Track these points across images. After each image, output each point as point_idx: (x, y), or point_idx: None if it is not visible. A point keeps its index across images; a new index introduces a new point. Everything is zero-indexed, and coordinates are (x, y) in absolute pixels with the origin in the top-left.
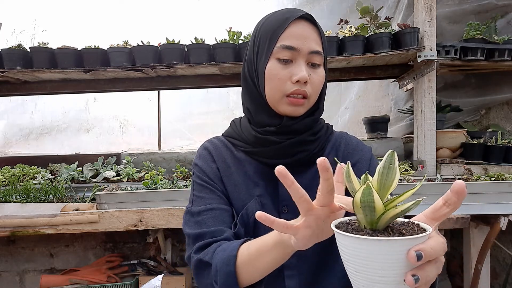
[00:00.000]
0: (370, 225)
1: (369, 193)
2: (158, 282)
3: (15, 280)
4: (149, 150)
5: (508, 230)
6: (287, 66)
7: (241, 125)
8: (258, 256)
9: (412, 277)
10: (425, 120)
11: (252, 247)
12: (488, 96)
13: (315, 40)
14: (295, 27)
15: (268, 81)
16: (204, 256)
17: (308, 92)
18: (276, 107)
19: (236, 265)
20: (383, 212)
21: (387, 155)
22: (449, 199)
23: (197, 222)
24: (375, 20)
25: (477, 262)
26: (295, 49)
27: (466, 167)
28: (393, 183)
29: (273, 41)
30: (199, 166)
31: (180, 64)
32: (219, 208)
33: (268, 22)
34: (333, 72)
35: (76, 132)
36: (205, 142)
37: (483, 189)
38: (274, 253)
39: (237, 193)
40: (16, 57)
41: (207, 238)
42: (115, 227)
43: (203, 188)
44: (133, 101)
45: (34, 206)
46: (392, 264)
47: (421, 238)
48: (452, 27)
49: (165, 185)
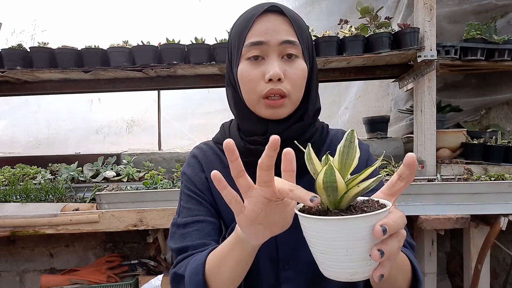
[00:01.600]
0: (333, 206)
1: (331, 173)
2: (158, 282)
3: (15, 280)
4: (149, 150)
5: (508, 230)
6: (258, 65)
7: (230, 132)
8: (222, 260)
9: (377, 251)
10: (425, 120)
11: (216, 252)
12: (488, 96)
13: (286, 30)
14: (261, 23)
15: (242, 84)
16: (179, 269)
17: (285, 90)
18: (257, 112)
19: (204, 274)
20: (345, 191)
21: (347, 134)
22: (402, 173)
23: (181, 235)
24: (375, 20)
25: (477, 262)
26: (262, 43)
27: (466, 167)
28: (353, 162)
29: (241, 41)
30: (188, 175)
31: (180, 64)
32: (205, 221)
33: (237, 23)
34: (333, 72)
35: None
36: (193, 149)
37: (483, 189)
38: (235, 254)
39: (226, 204)
40: (16, 57)
41: (189, 251)
42: (115, 227)
43: (190, 198)
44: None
45: (34, 206)
46: (357, 242)
47: (383, 213)
48: (452, 27)
49: (165, 185)
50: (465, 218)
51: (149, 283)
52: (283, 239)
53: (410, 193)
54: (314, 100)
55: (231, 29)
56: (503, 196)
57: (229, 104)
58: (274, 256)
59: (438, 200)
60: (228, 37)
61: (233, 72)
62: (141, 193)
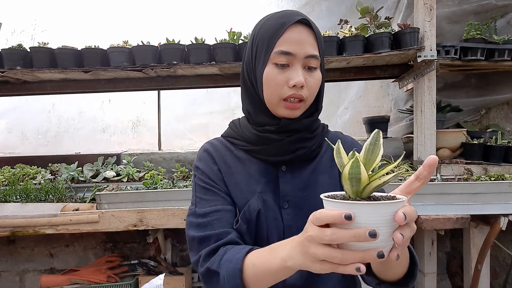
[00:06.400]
0: (355, 195)
1: (357, 165)
2: (160, 281)
3: (15, 280)
4: (149, 150)
5: (508, 230)
6: (284, 71)
7: (241, 125)
8: (264, 275)
9: (400, 234)
10: (425, 120)
11: (257, 266)
12: (488, 96)
13: (311, 44)
14: (292, 32)
15: (266, 86)
16: (212, 264)
17: (304, 96)
18: (274, 110)
19: (242, 279)
20: (368, 183)
21: (374, 134)
22: (420, 174)
23: (202, 224)
24: (375, 20)
25: (477, 262)
26: (291, 54)
27: (466, 167)
28: (377, 158)
29: (270, 46)
30: (201, 169)
31: (180, 64)
32: (224, 210)
33: (265, 26)
34: (333, 72)
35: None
36: (204, 144)
37: (483, 189)
38: (280, 275)
39: (239, 191)
40: (16, 57)
41: (213, 242)
42: (115, 227)
43: (207, 190)
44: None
45: (34, 206)
46: (379, 226)
47: (403, 202)
48: (452, 27)
49: (165, 185)
50: (465, 218)
51: (150, 283)
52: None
53: None
54: (322, 101)
55: (257, 29)
56: (503, 196)
57: (242, 98)
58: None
59: (438, 200)
60: (251, 35)
61: (256, 70)
62: (141, 193)
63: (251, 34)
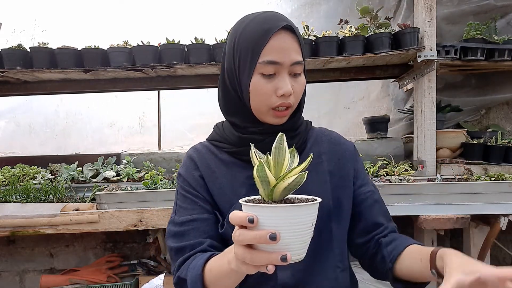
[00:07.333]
0: (268, 198)
1: (262, 169)
2: (160, 281)
3: (15, 280)
4: (149, 150)
5: (508, 230)
6: (271, 80)
7: (224, 128)
8: (219, 279)
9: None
10: (425, 120)
11: (213, 271)
12: (488, 96)
13: (296, 50)
14: (276, 40)
15: (253, 95)
16: (181, 273)
17: (292, 103)
18: (262, 118)
19: (204, 284)
20: (274, 185)
21: (278, 137)
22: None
23: (178, 234)
24: (375, 20)
25: None
26: (278, 64)
27: (466, 167)
28: (285, 161)
29: (255, 56)
30: (182, 176)
31: (180, 64)
32: (200, 219)
33: (247, 32)
34: (333, 72)
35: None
36: (189, 150)
37: (483, 189)
38: (233, 278)
39: (223, 195)
40: (16, 57)
41: (187, 252)
42: (115, 227)
43: (186, 198)
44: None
45: (34, 206)
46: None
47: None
48: (451, 28)
49: (165, 185)
50: (465, 218)
51: (150, 283)
52: None
53: (410, 193)
54: (304, 102)
55: (238, 34)
56: (503, 196)
57: (223, 104)
58: None
59: (438, 200)
60: (231, 40)
61: (241, 80)
62: (141, 193)
63: (230, 37)
